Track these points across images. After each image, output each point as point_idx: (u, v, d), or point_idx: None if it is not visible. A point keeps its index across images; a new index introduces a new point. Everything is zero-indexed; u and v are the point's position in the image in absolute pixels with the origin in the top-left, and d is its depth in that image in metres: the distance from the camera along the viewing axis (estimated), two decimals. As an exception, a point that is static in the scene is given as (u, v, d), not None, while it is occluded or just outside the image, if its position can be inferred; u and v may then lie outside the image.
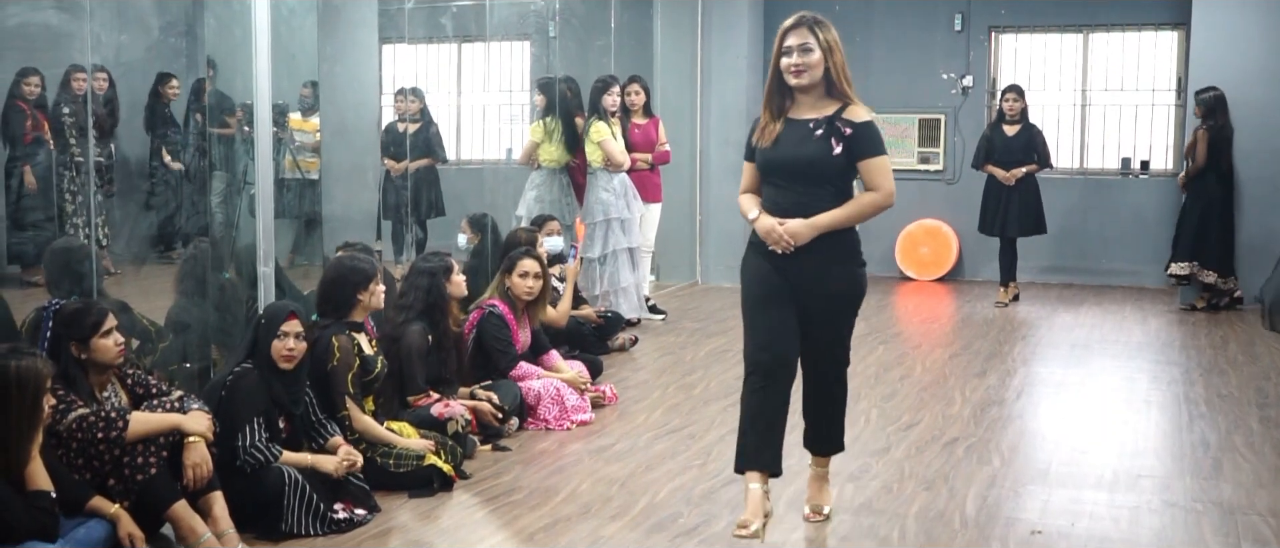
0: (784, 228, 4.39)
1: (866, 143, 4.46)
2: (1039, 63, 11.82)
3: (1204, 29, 10.23)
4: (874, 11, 11.89)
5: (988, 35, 11.78)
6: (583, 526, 4.81)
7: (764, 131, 4.55)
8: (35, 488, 3.97)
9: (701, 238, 11.53)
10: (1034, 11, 11.66)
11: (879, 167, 4.48)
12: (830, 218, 4.42)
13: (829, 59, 4.42)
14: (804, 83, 4.43)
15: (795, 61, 4.40)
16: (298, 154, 8.94)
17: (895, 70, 11.85)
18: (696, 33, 11.36)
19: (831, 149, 4.42)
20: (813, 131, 4.45)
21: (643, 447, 5.94)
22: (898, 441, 6.06)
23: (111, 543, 4.19)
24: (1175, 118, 11.37)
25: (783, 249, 4.42)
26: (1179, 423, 6.50)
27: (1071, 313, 10.06)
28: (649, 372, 7.71)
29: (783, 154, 4.49)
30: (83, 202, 7.74)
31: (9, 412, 3.89)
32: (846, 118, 4.45)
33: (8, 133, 8.29)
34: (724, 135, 11.31)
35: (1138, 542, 4.66)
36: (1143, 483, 5.39)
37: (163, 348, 5.87)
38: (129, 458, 4.32)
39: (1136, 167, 11.52)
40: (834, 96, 4.49)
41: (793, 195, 4.48)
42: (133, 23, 8.41)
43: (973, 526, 4.83)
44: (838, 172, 4.47)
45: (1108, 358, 8.26)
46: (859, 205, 4.51)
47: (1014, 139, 9.96)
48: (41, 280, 6.44)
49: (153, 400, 4.57)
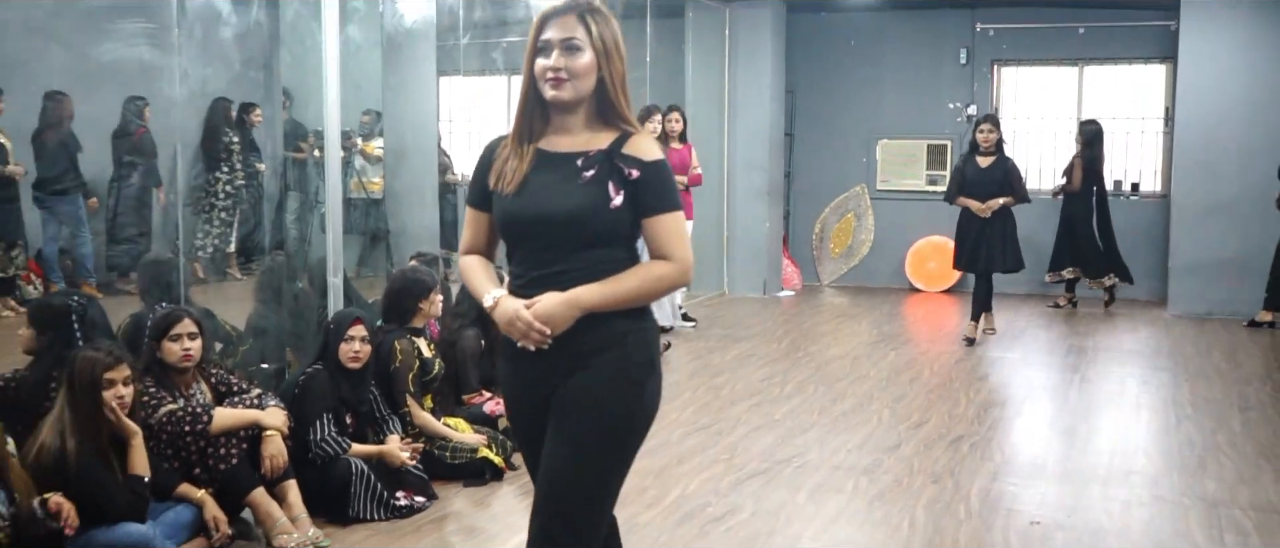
0: (533, 311, 2.64)
1: (658, 192, 2.71)
2: (1038, 93, 11.76)
3: (1190, 63, 10.15)
4: (887, 46, 11.87)
5: (991, 68, 11.73)
6: (620, 513, 4.76)
7: (504, 168, 2.76)
8: (132, 473, 4.03)
9: (728, 253, 11.53)
10: (1033, 47, 11.61)
11: (672, 227, 2.72)
12: (601, 293, 2.65)
13: (604, 66, 2.70)
14: (565, 97, 2.69)
15: (554, 63, 2.66)
16: (363, 176, 9.01)
17: (906, 99, 11.84)
18: (723, 66, 11.37)
19: (609, 198, 2.67)
20: (580, 171, 2.70)
21: (675, 442, 5.94)
22: (908, 438, 6.04)
23: (197, 526, 4.25)
24: (1163, 144, 11.29)
25: (534, 345, 2.67)
26: (1167, 424, 6.44)
27: (1067, 322, 9.99)
28: (681, 374, 7.71)
29: (533, 205, 2.70)
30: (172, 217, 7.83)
31: (69, 397, 3.98)
32: (629, 154, 2.70)
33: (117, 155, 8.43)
34: (749, 160, 11.34)
35: (1128, 533, 4.63)
36: (1133, 479, 5.35)
37: (243, 350, 5.92)
38: (213, 449, 4.37)
39: (1128, 188, 11.44)
40: (608, 121, 2.75)
41: (550, 265, 2.69)
42: (216, 57, 8.49)
43: (976, 516, 4.80)
44: (619, 230, 2.71)
45: (1101, 364, 8.20)
46: (645, 278, 2.70)
47: (988, 171, 8.45)
48: (134, 289, 6.52)
49: (234, 397, 4.63)
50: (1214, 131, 9.97)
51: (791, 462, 5.59)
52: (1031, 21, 11.46)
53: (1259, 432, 6.19)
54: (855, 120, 12.04)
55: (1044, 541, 4.53)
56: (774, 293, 11.50)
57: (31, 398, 4.38)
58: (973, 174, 8.47)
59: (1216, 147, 9.97)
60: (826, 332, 9.51)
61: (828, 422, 6.39)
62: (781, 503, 4.96)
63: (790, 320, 10.06)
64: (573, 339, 2.66)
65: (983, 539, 4.53)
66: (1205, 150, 10.05)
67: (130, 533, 3.92)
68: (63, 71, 8.59)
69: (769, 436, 6.08)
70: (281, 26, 7.40)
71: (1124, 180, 11.45)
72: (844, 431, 6.21)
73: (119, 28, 8.61)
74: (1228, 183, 9.89)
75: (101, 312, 4.94)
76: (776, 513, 4.83)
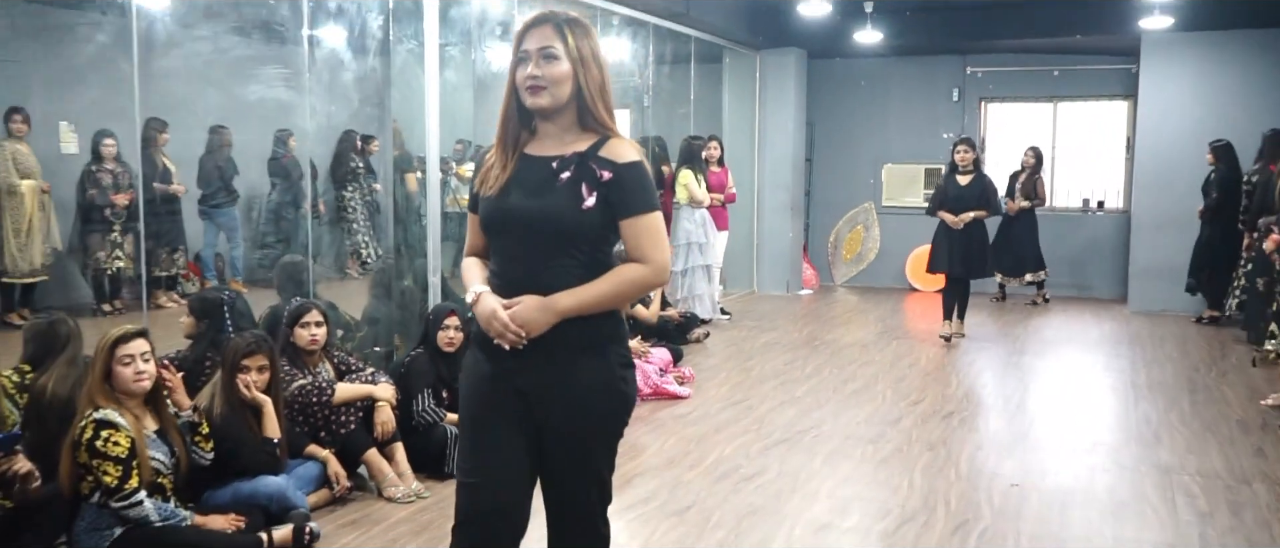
0: (510, 313, 2.33)
1: (632, 193, 2.37)
2: (1018, 125, 11.60)
3: (1148, 99, 10.02)
4: (891, 86, 11.79)
5: (979, 104, 11.61)
6: (668, 473, 4.82)
7: (489, 173, 2.46)
8: (266, 435, 4.09)
9: (758, 257, 11.50)
10: (1014, 87, 11.48)
11: (648, 228, 2.38)
12: (577, 298, 2.34)
13: (581, 74, 2.38)
14: (543, 104, 2.37)
15: (532, 73, 2.37)
16: (456, 194, 9.08)
17: (907, 130, 11.75)
18: (755, 102, 11.33)
19: (581, 199, 2.36)
20: (556, 174, 2.38)
21: (713, 414, 5.93)
22: (907, 413, 5.98)
23: (322, 479, 4.31)
24: (1125, 168, 11.11)
25: (509, 344, 2.35)
26: (1126, 403, 6.33)
27: (1042, 317, 9.85)
28: (718, 358, 7.69)
29: (512, 205, 2.40)
30: (304, 227, 7.95)
31: (221, 374, 4.10)
32: (605, 157, 2.38)
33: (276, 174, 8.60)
34: (775, 180, 11.29)
35: (1093, 494, 4.55)
36: (1098, 449, 5.27)
37: (360, 336, 5.99)
38: (335, 417, 4.42)
39: (1094, 205, 11.28)
40: (589, 127, 2.43)
41: (525, 265, 2.39)
42: (339, 96, 8.59)
43: (965, 479, 4.75)
44: (590, 232, 2.37)
45: (1070, 352, 8.07)
46: (618, 282, 2.37)
47: (966, 188, 8.04)
48: (274, 285, 6.61)
49: (352, 375, 4.68)
50: (1168, 157, 9.87)
51: (810, 432, 5.56)
52: (1013, 65, 11.35)
53: (1205, 411, 6.06)
54: (865, 147, 11.98)
55: (1022, 500, 4.47)
56: (795, 291, 11.45)
57: (191, 374, 4.47)
58: (954, 191, 8.09)
59: (1170, 170, 9.85)
60: (839, 324, 9.44)
61: (840, 399, 6.35)
62: (801, 466, 4.94)
63: (809, 314, 10.00)
64: (548, 339, 2.34)
65: (970, 498, 4.48)
66: (1160, 173, 9.94)
67: (269, 484, 3.98)
68: (217, 108, 8.74)
69: (791, 410, 6.05)
70: (392, 71, 7.48)
71: (1090, 199, 11.31)
72: (854, 406, 6.16)
73: (261, 72, 8.75)
74: (1180, 200, 9.72)
75: (247, 304, 5.03)
76: (797, 474, 4.81)
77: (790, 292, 11.37)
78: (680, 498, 4.44)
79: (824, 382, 6.84)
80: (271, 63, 8.72)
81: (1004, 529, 4.11)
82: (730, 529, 4.08)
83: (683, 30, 9.83)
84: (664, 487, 4.60)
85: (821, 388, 6.65)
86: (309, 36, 6.50)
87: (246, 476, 3.98)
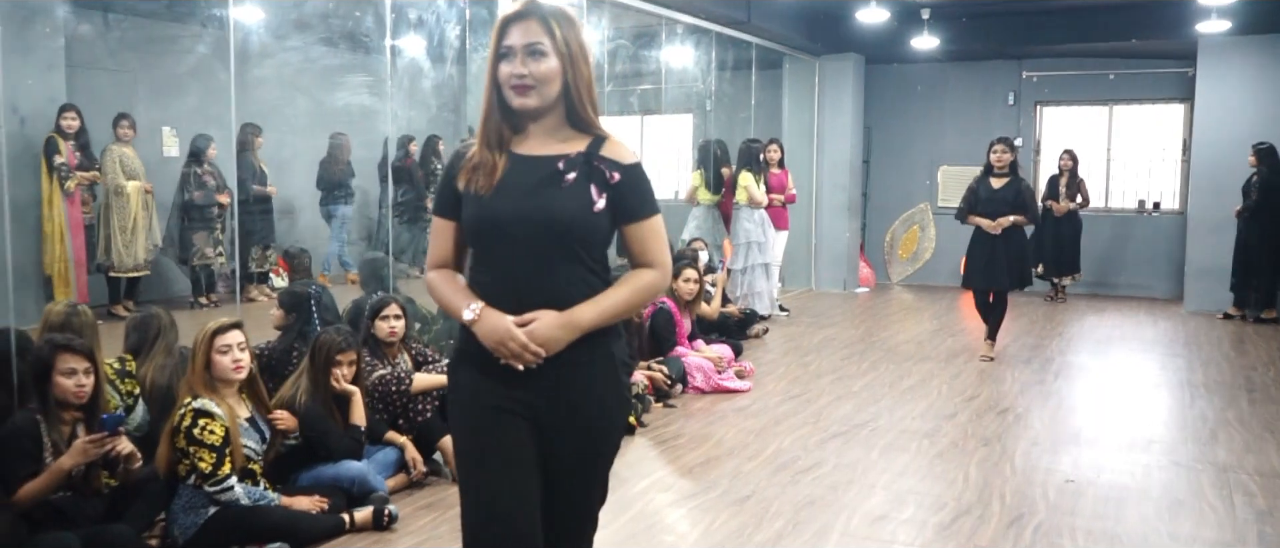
0: (527, 333, 2.02)
1: (640, 195, 2.14)
2: (1074, 129, 11.31)
3: (1204, 103, 9.72)
4: (947, 90, 11.58)
5: (1034, 108, 11.35)
6: (728, 463, 4.77)
7: (477, 171, 2.12)
8: (352, 422, 4.13)
9: (815, 256, 11.39)
10: (1070, 90, 11.19)
11: (654, 231, 2.17)
12: (599, 310, 2.07)
13: (569, 71, 2.08)
14: (532, 104, 2.08)
15: (517, 69, 2.06)
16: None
17: (963, 133, 11.52)
18: (814, 107, 11.21)
19: (592, 201, 2.08)
20: (562, 174, 2.09)
21: (772, 407, 5.87)
22: (962, 408, 5.85)
23: (400, 464, 4.34)
24: (1181, 170, 10.77)
25: (525, 364, 2.05)
26: (1182, 401, 6.12)
27: (1098, 316, 9.58)
28: (777, 353, 7.61)
29: (514, 206, 2.08)
30: (385, 226, 8.06)
31: (309, 365, 4.11)
32: (608, 157, 2.11)
33: None
34: (833, 182, 11.18)
35: (1149, 492, 4.40)
36: (1153, 447, 5.09)
37: (435, 329, 6.03)
38: (412, 405, 4.45)
39: (1150, 207, 10.96)
40: (578, 126, 2.14)
41: (531, 273, 2.07)
42: (418, 103, 8.68)
43: (1020, 474, 4.62)
44: (599, 235, 2.11)
45: (1126, 351, 7.84)
46: (635, 289, 2.12)
47: (1000, 192, 6.93)
48: (357, 281, 6.71)
49: (429, 365, 4.72)
50: (1225, 159, 9.53)
51: (866, 425, 5.47)
52: (1069, 69, 11.07)
53: (1263, 410, 5.84)
54: (921, 150, 11.79)
55: (1077, 496, 4.33)
56: (852, 289, 11.31)
57: (279, 363, 4.54)
58: (985, 194, 6.99)
59: (1227, 172, 9.51)
60: (895, 321, 9.29)
61: (896, 394, 6.24)
62: (858, 458, 4.86)
63: (865, 312, 9.86)
64: (566, 358, 2.07)
65: (1025, 493, 4.36)
66: (1217, 175, 9.62)
67: (350, 468, 4.02)
68: (306, 115, 8.91)
69: (848, 404, 5.96)
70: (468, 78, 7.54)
71: (1147, 200, 11.00)
72: (909, 401, 6.05)
73: (346, 80, 8.88)
74: (1236, 202, 9.39)
75: (333, 299, 5.10)
76: (854, 466, 4.73)
77: (847, 290, 11.23)
78: (740, 488, 4.39)
79: (880, 377, 6.73)
80: (356, 71, 8.85)
81: (1059, 524, 3.98)
82: (788, 519, 4.02)
83: (744, 37, 9.76)
84: (724, 477, 4.56)
85: (878, 383, 6.54)
86: (391, 46, 6.58)
87: (331, 460, 4.03)
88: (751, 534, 3.86)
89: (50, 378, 3.41)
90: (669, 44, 9.46)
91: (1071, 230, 10.25)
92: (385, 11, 6.24)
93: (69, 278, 6.77)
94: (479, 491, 2.10)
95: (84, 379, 3.42)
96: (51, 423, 3.41)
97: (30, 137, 6.77)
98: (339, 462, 4.01)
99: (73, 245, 6.84)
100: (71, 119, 6.84)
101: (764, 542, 3.79)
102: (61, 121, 6.81)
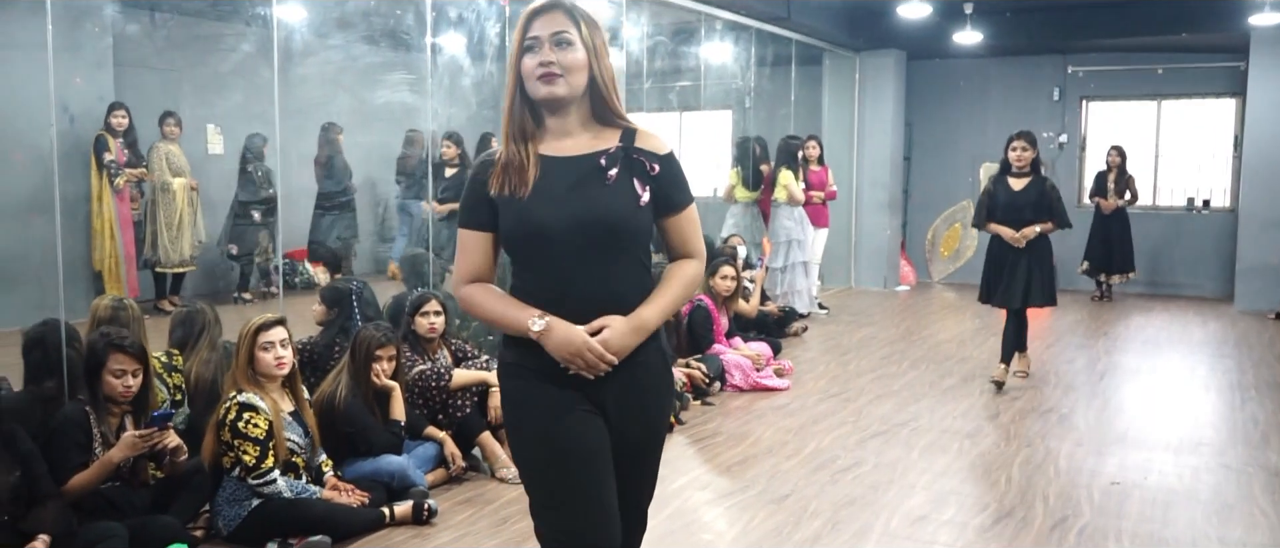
0: (600, 341, 2.00)
1: (678, 186, 2.13)
2: (1121, 124, 11.11)
3: (1257, 97, 9.49)
4: (990, 85, 11.43)
5: (1080, 104, 11.17)
6: (766, 462, 4.76)
7: (509, 174, 2.05)
8: (392, 417, 4.17)
9: (855, 254, 11.31)
10: (1117, 85, 10.99)
11: (694, 220, 2.16)
12: (660, 309, 2.07)
13: (595, 63, 2.05)
14: (560, 93, 2.02)
15: (544, 57, 2.01)
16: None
17: (1006, 129, 11.06)
18: (854, 103, 11.13)
19: (637, 195, 2.04)
20: (603, 170, 2.03)
21: (810, 406, 5.84)
22: (1005, 409, 5.78)
23: (439, 459, 4.37)
24: (1232, 167, 10.55)
25: (597, 373, 2.03)
26: (1232, 403, 5.99)
27: (1145, 316, 9.42)
28: (816, 351, 7.57)
29: (561, 210, 2.02)
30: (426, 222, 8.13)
31: (350, 361, 4.15)
32: (646, 149, 2.07)
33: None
34: (873, 179, 11.08)
35: (1197, 495, 4.32)
36: (1202, 449, 5.00)
37: (474, 325, 6.07)
38: (452, 401, 4.49)
39: (1200, 204, 10.76)
40: (606, 121, 2.10)
41: (585, 274, 2.03)
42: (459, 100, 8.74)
43: (1063, 475, 4.56)
44: (645, 229, 2.09)
45: (1174, 352, 7.70)
46: (684, 281, 2.12)
47: (1021, 194, 6.00)
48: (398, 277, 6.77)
49: (468, 361, 4.75)
50: (1278, 156, 9.32)
51: (907, 425, 5.43)
52: (1116, 64, 10.87)
53: (1317, 413, 5.71)
54: (962, 146, 11.64)
55: (1122, 499, 4.26)
56: (893, 287, 11.21)
57: (322, 358, 4.60)
58: (1004, 197, 6.06)
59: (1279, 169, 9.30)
60: (936, 320, 9.20)
61: (937, 394, 6.17)
62: (898, 458, 4.82)
63: (906, 310, 9.78)
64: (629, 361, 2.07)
65: (1069, 495, 4.30)
66: (1270, 171, 9.42)
67: (390, 462, 4.06)
68: (348, 112, 9.00)
69: (888, 403, 5.92)
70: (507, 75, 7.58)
71: (1196, 198, 10.79)
72: (950, 401, 5.99)
73: (387, 78, 8.97)
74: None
75: (374, 294, 5.15)
76: (894, 466, 4.69)
77: (887, 288, 11.14)
78: (778, 487, 4.37)
79: (921, 376, 6.66)
80: (397, 69, 8.93)
81: (1104, 527, 3.93)
82: (827, 519, 4.00)
83: (784, 33, 9.71)
84: (762, 475, 4.54)
85: (918, 382, 6.48)
86: (432, 44, 6.62)
87: (371, 455, 4.07)
88: (789, 533, 3.85)
89: (101, 374, 3.48)
90: (708, 40, 9.43)
91: (1120, 228, 10.08)
92: (426, 9, 6.28)
93: (119, 274, 6.90)
94: (574, 498, 2.06)
95: (132, 380, 3.51)
96: (101, 416, 3.49)
97: (80, 134, 6.91)
98: (379, 456, 4.05)
99: (123, 241, 6.97)
100: (121, 117, 6.97)
101: (802, 541, 3.77)
102: (111, 119, 6.94)
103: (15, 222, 6.19)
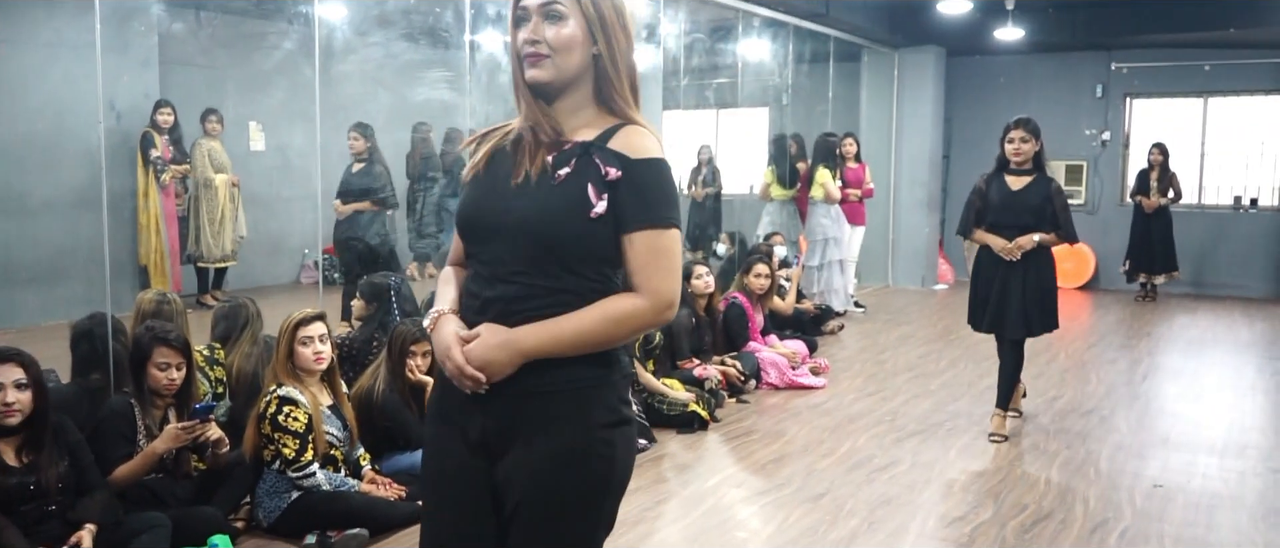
0: (466, 352, 1.65)
1: (641, 198, 1.66)
2: (1166, 121, 10.93)
3: (1308, 94, 9.29)
4: (1032, 82, 11.28)
5: (1123, 100, 10.99)
6: (802, 461, 4.74)
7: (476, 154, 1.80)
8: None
9: (893, 252, 11.22)
10: (1163, 81, 10.81)
11: (652, 247, 1.65)
12: (545, 336, 1.63)
13: (599, 39, 1.68)
14: (543, 77, 1.67)
15: (530, 35, 1.67)
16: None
17: (1048, 126, 11.01)
18: (892, 100, 11.04)
19: (587, 204, 1.64)
20: (552, 168, 1.67)
21: (846, 405, 5.80)
22: (1045, 409, 5.71)
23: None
24: (1281, 165, 10.37)
25: (470, 388, 1.66)
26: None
27: (1189, 316, 9.25)
28: (852, 350, 7.52)
29: (492, 204, 1.71)
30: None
31: (387, 356, 4.20)
32: (614, 148, 1.66)
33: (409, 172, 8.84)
34: (912, 177, 10.99)
35: (1243, 500, 4.23)
36: (1248, 452, 4.90)
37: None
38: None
39: (1247, 203, 10.54)
40: (606, 109, 1.73)
41: (513, 287, 1.67)
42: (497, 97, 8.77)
43: (1105, 477, 4.49)
44: (600, 248, 1.67)
45: (1219, 352, 7.55)
46: (604, 318, 1.64)
47: (1020, 195, 4.86)
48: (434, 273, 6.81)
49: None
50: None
51: (944, 425, 5.38)
52: (1161, 60, 10.69)
53: (1368, 417, 5.57)
54: (1003, 144, 11.50)
55: (1165, 501, 4.19)
56: (930, 286, 11.12)
57: (360, 353, 4.64)
58: (998, 199, 4.89)
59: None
60: (975, 318, 9.10)
61: (975, 393, 6.11)
62: (935, 458, 4.77)
63: (944, 309, 9.68)
64: (516, 383, 1.65)
65: (1110, 498, 4.23)
66: (1321, 170, 9.19)
67: (427, 457, 4.09)
68: (387, 109, 9.08)
69: (925, 402, 5.86)
70: (546, 73, 7.61)
71: (1243, 196, 10.59)
72: (989, 401, 5.90)
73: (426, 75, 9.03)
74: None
75: (411, 289, 5.19)
76: (931, 466, 4.65)
77: (925, 286, 11.04)
78: (814, 485, 4.35)
79: (959, 376, 6.60)
80: (436, 66, 8.99)
81: (1146, 531, 3.86)
82: (863, 518, 3.97)
83: (822, 30, 9.65)
84: (798, 474, 4.52)
85: (956, 382, 6.41)
86: (470, 41, 6.66)
87: (408, 449, 4.10)
88: (825, 533, 3.83)
89: (146, 367, 3.55)
90: (745, 37, 9.40)
91: (1162, 227, 9.91)
92: (464, 7, 6.32)
93: (165, 269, 7.02)
94: (428, 533, 1.80)
95: (176, 373, 3.57)
96: (145, 408, 3.56)
97: (127, 131, 7.03)
98: (416, 450, 4.08)
99: (168, 236, 7.09)
100: (167, 114, 7.09)
101: (837, 541, 3.75)
102: (157, 116, 7.06)
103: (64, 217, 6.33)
